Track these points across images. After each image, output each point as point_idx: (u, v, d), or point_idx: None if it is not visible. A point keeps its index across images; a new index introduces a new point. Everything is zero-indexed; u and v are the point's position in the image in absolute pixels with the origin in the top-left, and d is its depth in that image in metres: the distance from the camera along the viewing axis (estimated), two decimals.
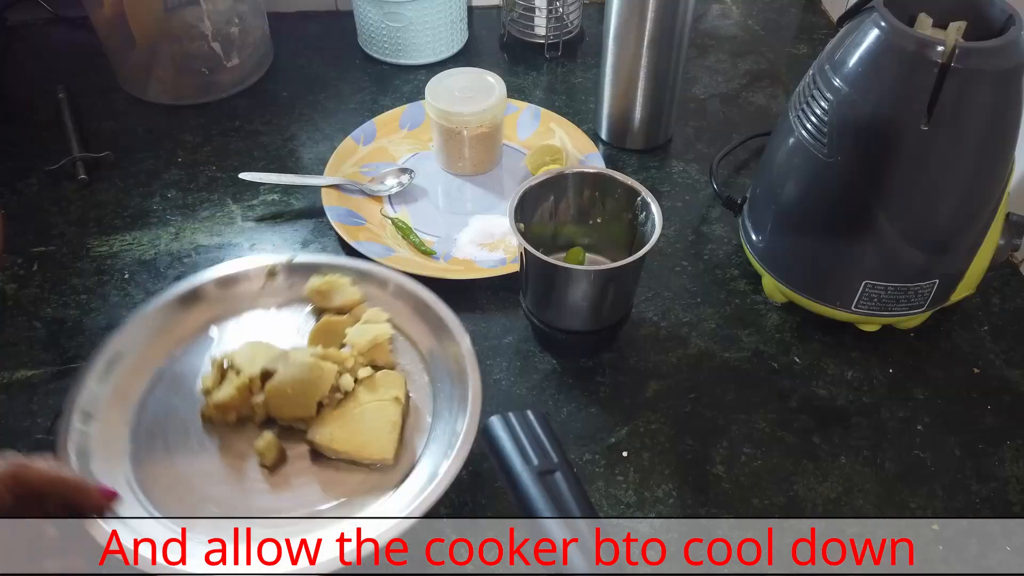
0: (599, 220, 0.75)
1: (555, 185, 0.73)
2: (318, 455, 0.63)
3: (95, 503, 0.52)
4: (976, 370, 0.74)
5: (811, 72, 0.68)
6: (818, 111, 0.66)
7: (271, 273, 0.72)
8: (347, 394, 0.64)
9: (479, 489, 0.65)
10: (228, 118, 0.99)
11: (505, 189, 0.90)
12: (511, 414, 0.52)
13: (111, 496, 0.54)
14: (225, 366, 0.65)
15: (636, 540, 0.62)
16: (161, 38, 0.98)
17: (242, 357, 0.65)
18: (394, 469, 0.62)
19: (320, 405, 0.63)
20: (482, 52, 1.11)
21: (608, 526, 0.62)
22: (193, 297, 0.70)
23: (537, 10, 1.06)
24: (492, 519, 0.63)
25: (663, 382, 0.72)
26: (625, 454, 0.67)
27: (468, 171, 0.91)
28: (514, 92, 1.01)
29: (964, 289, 0.73)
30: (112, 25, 0.97)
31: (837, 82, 0.64)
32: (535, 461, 0.49)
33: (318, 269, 0.72)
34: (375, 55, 1.07)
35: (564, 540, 0.45)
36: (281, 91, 1.03)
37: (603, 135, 0.96)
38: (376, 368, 0.67)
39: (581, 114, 0.99)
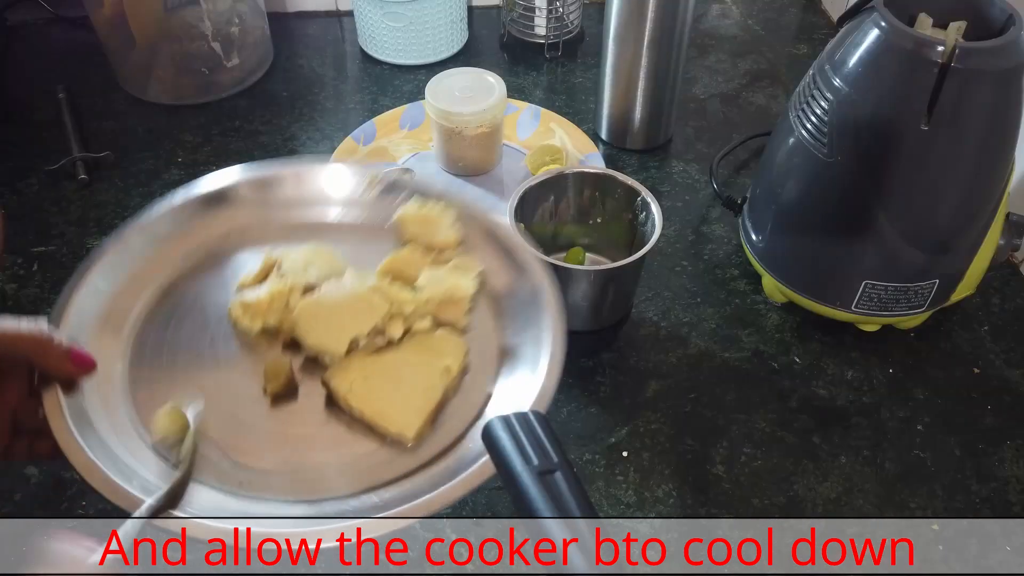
0: (599, 220, 0.75)
1: (555, 185, 0.73)
2: (333, 404, 0.50)
3: (64, 368, 0.44)
4: (976, 370, 0.74)
5: (811, 72, 0.68)
6: (818, 111, 0.66)
7: (371, 183, 0.60)
8: (391, 343, 0.52)
9: (479, 489, 0.65)
10: (228, 118, 0.99)
11: (505, 189, 0.90)
12: (511, 414, 0.52)
13: (84, 362, 0.45)
14: (273, 266, 0.55)
15: (636, 540, 0.62)
16: (161, 38, 0.98)
17: (294, 261, 0.55)
18: (413, 453, 0.48)
19: (355, 345, 0.51)
20: (482, 52, 1.11)
21: (608, 526, 0.62)
22: (284, 184, 0.60)
23: (537, 10, 1.06)
24: (492, 519, 0.63)
25: (663, 382, 0.72)
26: (625, 454, 0.67)
27: (468, 171, 0.90)
28: (514, 92, 1.01)
29: (964, 289, 0.73)
30: (112, 25, 0.97)
31: (837, 82, 0.64)
32: (535, 461, 0.49)
33: (426, 195, 0.59)
34: (375, 55, 1.07)
35: (564, 540, 0.45)
36: (281, 91, 1.03)
37: (603, 135, 0.96)
38: (440, 325, 0.54)
39: (581, 114, 0.99)
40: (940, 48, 0.59)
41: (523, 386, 0.49)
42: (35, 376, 0.45)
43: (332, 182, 0.61)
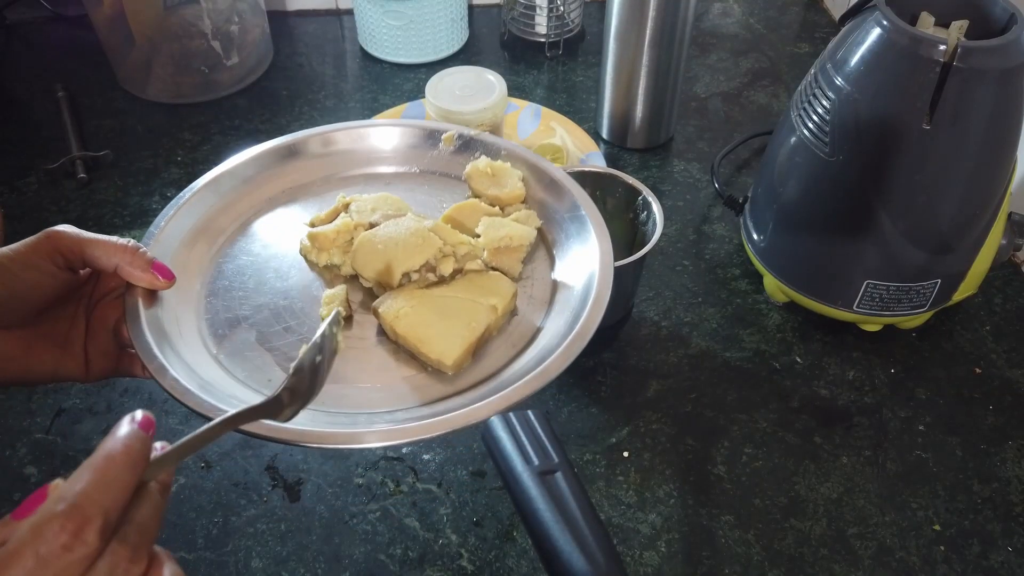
0: None
1: None
2: (383, 335, 0.54)
3: (146, 278, 0.49)
4: (978, 370, 0.74)
5: (813, 71, 0.68)
6: (820, 110, 0.66)
7: (448, 139, 0.65)
8: (442, 280, 0.55)
9: (479, 490, 0.65)
10: (228, 117, 0.99)
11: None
12: (511, 414, 0.52)
13: (165, 275, 0.50)
14: (345, 208, 0.60)
15: (637, 540, 0.62)
16: (160, 37, 0.98)
17: (364, 203, 0.59)
18: (451, 380, 0.51)
19: (407, 278, 0.54)
20: (483, 50, 1.11)
21: (609, 526, 0.62)
22: (362, 138, 0.65)
23: (538, 8, 1.06)
24: (492, 519, 0.63)
25: (664, 382, 0.72)
26: (626, 454, 0.67)
27: None
28: (515, 91, 1.01)
29: (966, 289, 0.73)
30: (112, 24, 0.97)
31: (839, 81, 0.64)
32: (535, 461, 0.49)
33: (497, 153, 0.63)
34: (375, 53, 1.07)
35: (564, 540, 0.45)
36: (281, 90, 1.03)
37: (604, 134, 0.96)
38: (493, 270, 0.57)
39: (582, 113, 0.99)
40: (942, 47, 0.58)
41: (565, 328, 0.52)
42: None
43: (409, 138, 0.65)
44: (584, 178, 0.73)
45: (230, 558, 0.61)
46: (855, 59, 0.63)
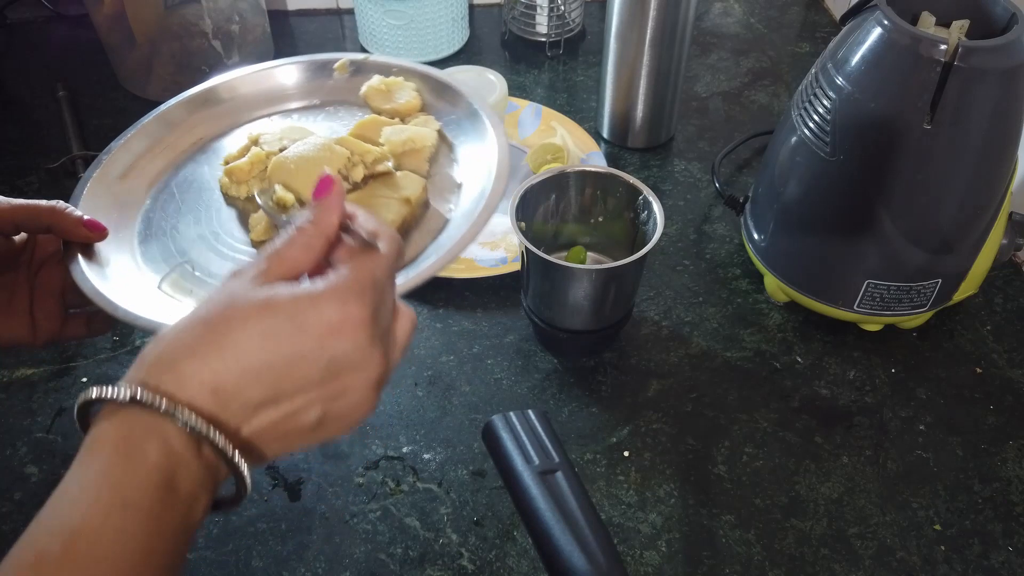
0: (600, 219, 0.75)
1: (556, 184, 0.73)
2: None
3: (79, 233, 0.50)
4: (979, 370, 0.74)
5: (814, 70, 0.68)
6: (821, 110, 0.66)
7: (341, 67, 0.67)
8: (356, 186, 0.58)
9: (479, 489, 0.65)
10: None
11: (506, 187, 0.89)
12: (512, 413, 0.52)
13: (96, 228, 0.51)
14: (255, 143, 0.62)
15: (637, 540, 0.62)
16: (161, 36, 0.98)
17: (271, 135, 0.62)
18: None
19: None
20: (483, 50, 1.11)
21: (609, 526, 0.62)
22: (263, 80, 0.67)
23: (538, 8, 1.06)
24: (493, 519, 0.63)
25: (664, 381, 0.72)
26: (626, 454, 0.67)
27: None
28: (515, 90, 1.01)
29: (967, 289, 0.73)
30: (112, 23, 0.97)
31: (840, 81, 0.64)
32: (536, 461, 0.49)
33: (388, 71, 0.66)
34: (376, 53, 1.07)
35: (565, 540, 0.45)
36: None
37: (604, 133, 0.96)
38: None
39: (582, 112, 0.99)
40: (943, 47, 0.58)
41: (470, 215, 0.56)
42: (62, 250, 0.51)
43: (306, 73, 0.67)
44: (585, 178, 0.73)
45: (231, 558, 0.61)
46: (856, 59, 0.63)
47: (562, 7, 1.06)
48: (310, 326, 0.34)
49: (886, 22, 0.61)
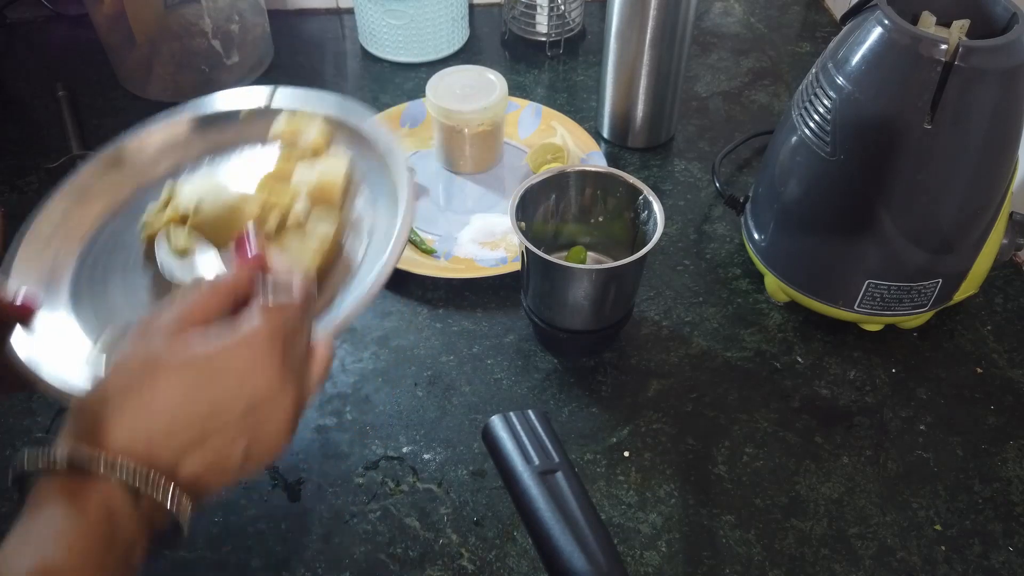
0: (601, 219, 0.75)
1: (556, 184, 0.73)
2: None
3: (14, 313, 0.50)
4: (979, 370, 0.74)
5: (814, 70, 0.68)
6: (821, 109, 0.65)
7: (244, 119, 0.67)
8: (269, 236, 0.59)
9: (479, 489, 0.65)
10: None
11: (506, 188, 0.90)
12: (512, 414, 0.52)
13: (29, 307, 0.51)
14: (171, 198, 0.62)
15: (637, 540, 0.62)
16: (161, 35, 0.98)
17: (186, 190, 0.62)
18: None
19: None
20: (483, 50, 1.11)
21: (609, 526, 0.62)
22: (183, 130, 0.68)
23: (539, 7, 1.06)
24: (493, 519, 0.63)
25: (665, 382, 0.72)
26: (627, 454, 0.67)
27: (469, 169, 0.90)
28: (515, 90, 1.01)
29: (967, 289, 0.73)
30: (112, 22, 0.97)
31: (840, 80, 0.64)
32: (536, 461, 0.49)
33: (292, 112, 0.66)
34: (376, 53, 1.07)
35: (565, 540, 0.45)
36: None
37: (605, 133, 0.96)
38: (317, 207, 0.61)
39: (583, 112, 0.99)
40: (943, 47, 0.58)
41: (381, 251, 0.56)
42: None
43: (210, 123, 0.68)
44: (585, 178, 0.73)
45: (231, 558, 0.61)
46: (856, 59, 0.63)
47: (562, 7, 1.06)
48: (226, 373, 0.38)
49: (886, 22, 0.61)
